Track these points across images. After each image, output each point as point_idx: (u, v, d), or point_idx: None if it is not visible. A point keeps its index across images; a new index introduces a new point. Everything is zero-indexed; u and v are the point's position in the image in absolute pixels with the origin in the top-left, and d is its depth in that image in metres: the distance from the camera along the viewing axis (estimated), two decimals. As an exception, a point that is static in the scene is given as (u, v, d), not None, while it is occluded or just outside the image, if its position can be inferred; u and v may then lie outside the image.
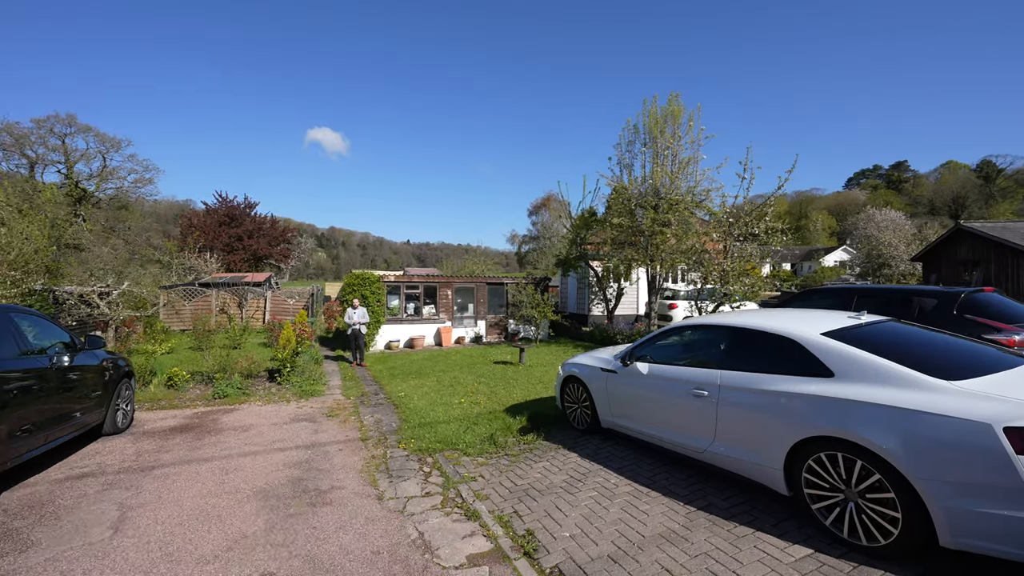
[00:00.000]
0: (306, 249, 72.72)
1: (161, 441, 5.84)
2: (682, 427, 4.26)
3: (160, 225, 47.34)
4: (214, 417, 7.07)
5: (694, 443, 4.12)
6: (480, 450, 5.48)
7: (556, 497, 4.10)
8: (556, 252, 21.97)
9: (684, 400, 4.19)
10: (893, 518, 2.79)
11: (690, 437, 4.17)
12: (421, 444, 5.71)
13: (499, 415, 6.84)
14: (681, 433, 4.27)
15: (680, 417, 4.27)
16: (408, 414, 7.13)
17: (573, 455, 5.13)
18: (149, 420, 6.85)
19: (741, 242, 11.19)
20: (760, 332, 3.82)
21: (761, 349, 3.77)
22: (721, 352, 4.08)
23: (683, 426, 4.24)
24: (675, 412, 4.32)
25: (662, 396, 4.47)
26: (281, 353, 9.42)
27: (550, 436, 5.84)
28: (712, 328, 4.44)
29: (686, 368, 4.30)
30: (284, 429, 6.46)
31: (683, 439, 4.24)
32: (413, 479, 4.68)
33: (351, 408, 7.72)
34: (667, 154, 13.61)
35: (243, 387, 8.66)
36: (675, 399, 4.30)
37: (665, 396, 4.43)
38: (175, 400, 8.05)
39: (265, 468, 4.95)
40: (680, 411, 4.26)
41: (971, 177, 71.13)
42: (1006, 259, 17.67)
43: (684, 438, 4.23)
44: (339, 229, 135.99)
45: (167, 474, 4.74)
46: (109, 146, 31.32)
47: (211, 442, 5.82)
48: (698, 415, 4.06)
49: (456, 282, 16.54)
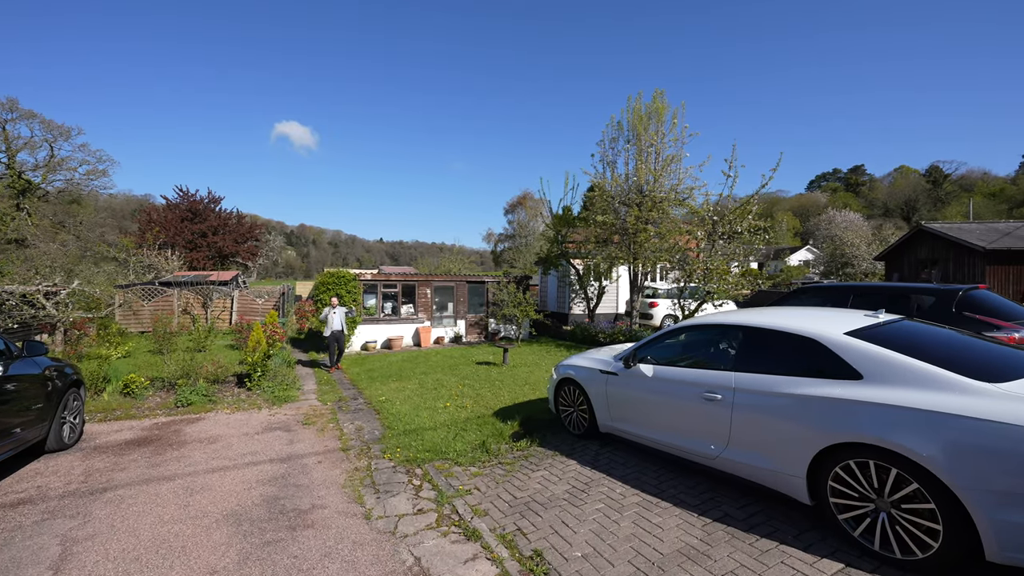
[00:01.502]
0: (274, 247, 70.15)
1: (115, 457, 5.24)
2: (691, 432, 4.04)
3: (116, 221, 44.65)
4: (177, 428, 6.47)
5: (705, 449, 3.91)
6: (472, 459, 5.15)
7: (561, 511, 3.81)
8: (537, 250, 21.74)
9: (694, 404, 3.98)
10: (932, 530, 2.63)
11: (700, 443, 3.95)
12: (408, 454, 5.32)
13: (488, 420, 6.51)
14: (690, 438, 4.05)
15: (689, 422, 4.06)
16: (391, 420, 6.71)
17: (572, 462, 4.86)
18: (102, 433, 6.19)
19: (726, 240, 11.21)
20: (777, 332, 3.63)
21: (779, 350, 3.58)
22: (734, 353, 3.88)
23: (692, 431, 4.03)
24: (684, 416, 4.11)
25: (669, 400, 4.24)
26: (251, 356, 8.79)
27: (545, 442, 5.55)
28: (723, 328, 4.24)
29: (695, 370, 4.09)
30: (256, 440, 5.94)
31: (692, 445, 4.03)
32: (403, 494, 4.30)
33: (329, 415, 7.23)
34: (651, 151, 13.55)
35: (209, 394, 8.02)
36: (684, 403, 4.09)
37: (672, 400, 4.21)
38: (132, 410, 7.36)
39: (236, 486, 4.47)
40: (689, 415, 4.04)
41: (921, 182, 75.02)
42: (963, 258, 18.54)
43: (693, 444, 4.02)
44: (309, 227, 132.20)
45: (121, 497, 4.19)
46: (57, 134, 29.06)
47: (173, 457, 5.26)
48: (709, 420, 3.85)
49: (435, 281, 16.07)
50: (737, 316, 4.14)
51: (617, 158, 14.50)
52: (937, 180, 76.42)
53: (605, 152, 14.67)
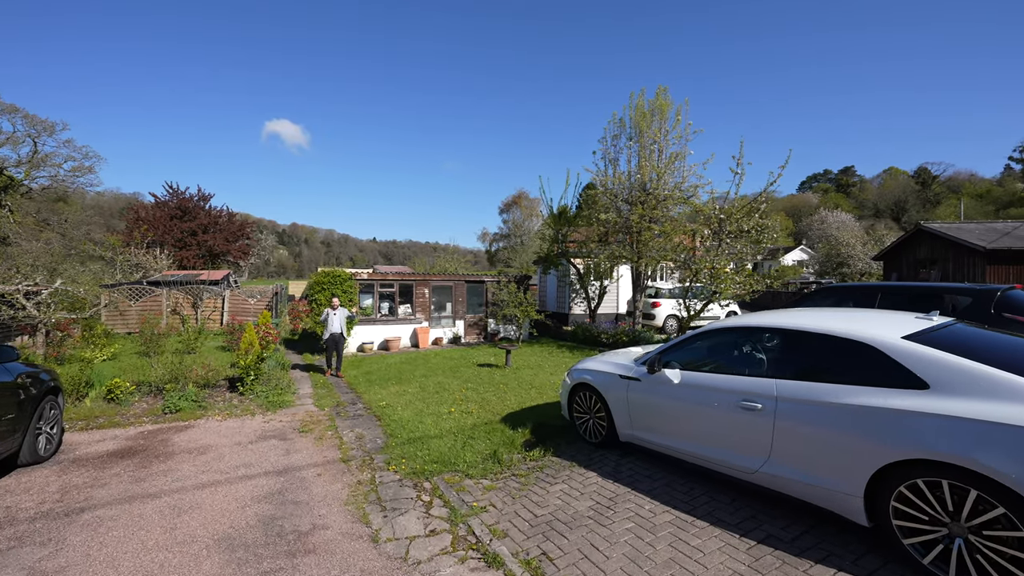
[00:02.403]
0: (266, 246, 69.28)
1: (95, 471, 4.83)
2: (726, 444, 3.74)
3: (104, 219, 43.69)
4: (164, 437, 6.06)
5: (742, 462, 3.61)
6: (483, 471, 4.81)
7: (588, 531, 3.49)
8: (536, 249, 21.42)
9: (729, 413, 3.67)
10: (1020, 560, 2.34)
11: (737, 456, 3.65)
12: (414, 465, 4.97)
13: (497, 426, 6.18)
14: (725, 451, 3.75)
15: (724, 433, 3.75)
16: (394, 427, 6.36)
17: (592, 474, 4.55)
18: (82, 443, 5.77)
19: (732, 239, 10.96)
20: (826, 336, 3.33)
21: (828, 356, 3.29)
22: (775, 358, 3.58)
23: (727, 443, 3.73)
24: (717, 427, 3.80)
25: (700, 408, 3.94)
26: (243, 359, 8.38)
27: (560, 451, 5.23)
28: (759, 331, 3.94)
29: (730, 377, 3.79)
30: (250, 450, 5.56)
31: (728, 457, 3.72)
32: (412, 512, 3.96)
33: (327, 421, 6.85)
34: (653, 149, 13.29)
35: (199, 399, 7.60)
36: (717, 412, 3.78)
37: (704, 408, 3.90)
38: (116, 417, 6.93)
39: (229, 504, 4.09)
40: (724, 425, 3.74)
41: (910, 183, 75.74)
42: (962, 258, 18.50)
43: (729, 456, 3.71)
44: (301, 226, 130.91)
45: (100, 519, 3.80)
46: (41, 129, 28.08)
47: (160, 470, 4.87)
48: (748, 431, 3.55)
49: (433, 280, 15.69)
50: (775, 318, 3.85)
51: (619, 155, 14.25)
52: (926, 181, 77.21)
53: (607, 149, 14.41)
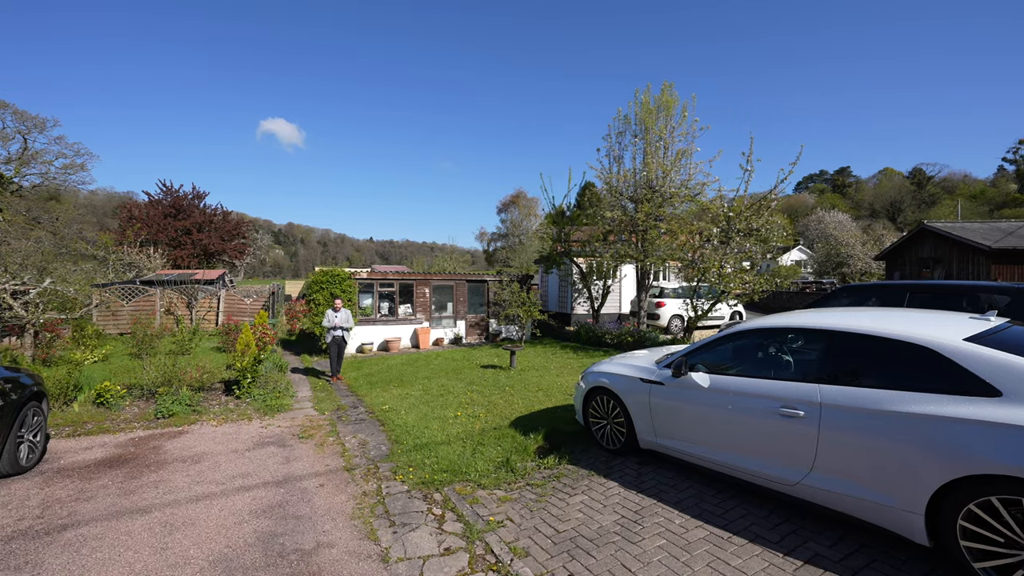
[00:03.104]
0: (262, 246, 68.63)
1: (81, 483, 4.52)
2: (762, 453, 3.48)
3: (97, 218, 43.05)
4: (156, 444, 5.75)
5: (781, 474, 3.35)
6: (496, 480, 4.54)
7: (616, 549, 3.22)
8: (538, 248, 21.17)
9: (766, 421, 3.41)
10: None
11: (775, 466, 3.39)
12: (423, 475, 4.69)
13: (507, 432, 5.90)
14: (761, 460, 3.49)
15: (760, 441, 3.49)
16: (398, 433, 6.07)
17: (612, 484, 4.28)
18: (68, 451, 5.45)
19: (741, 237, 10.72)
20: (877, 338, 3.07)
21: (880, 359, 3.03)
22: (818, 362, 3.32)
23: (764, 452, 3.47)
24: (752, 435, 3.54)
25: (732, 415, 3.68)
26: (240, 361, 8.06)
27: (576, 458, 4.96)
28: (797, 333, 3.68)
29: (766, 381, 3.52)
30: (247, 458, 5.26)
31: (764, 468, 3.46)
32: (423, 527, 3.67)
33: (327, 426, 6.56)
34: (659, 145, 13.05)
35: (193, 403, 7.29)
36: (752, 419, 3.52)
37: (737, 415, 3.64)
38: (106, 422, 6.60)
39: (225, 519, 3.80)
40: (760, 434, 3.48)
41: (906, 183, 75.89)
42: (967, 257, 18.37)
43: (766, 467, 3.45)
44: (297, 225, 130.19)
45: (83, 539, 3.49)
46: (31, 126, 27.64)
47: (150, 481, 4.56)
48: (787, 440, 3.29)
49: (434, 280, 15.39)
50: (816, 319, 3.58)
51: (624, 152, 13.99)
52: (921, 182, 77.46)
53: (612, 146, 14.15)
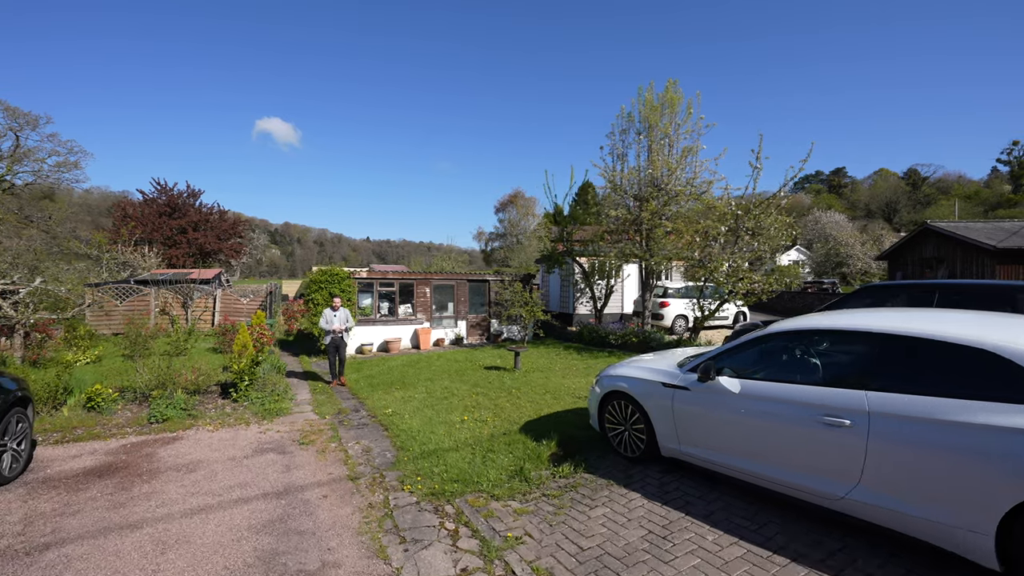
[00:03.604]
0: (258, 245, 68.16)
1: (68, 495, 4.24)
2: (802, 465, 3.24)
3: (92, 217, 42.56)
4: (149, 451, 5.47)
5: (824, 487, 3.11)
6: (510, 490, 4.28)
7: (648, 570, 2.97)
8: (541, 248, 20.96)
9: (807, 430, 3.18)
10: None
11: (816, 479, 3.16)
12: (432, 484, 4.43)
13: (517, 437, 5.65)
14: (800, 473, 3.25)
15: (799, 452, 3.26)
16: (403, 439, 5.81)
17: (635, 495, 4.03)
18: (56, 459, 5.16)
19: (750, 236, 10.51)
20: (936, 342, 2.83)
21: (938, 365, 2.80)
22: (865, 367, 3.09)
23: (804, 464, 3.23)
24: (790, 445, 3.30)
25: (767, 423, 3.44)
26: (237, 363, 7.78)
27: (592, 466, 4.71)
28: (842, 335, 3.43)
29: (805, 387, 3.29)
30: (245, 466, 4.99)
31: (804, 481, 3.23)
32: (437, 544, 3.42)
33: (329, 431, 6.29)
34: (664, 143, 12.83)
35: (188, 407, 7.00)
36: (790, 428, 3.28)
37: (773, 423, 3.40)
38: (96, 427, 6.31)
39: (222, 536, 3.53)
40: (799, 444, 3.24)
41: (901, 184, 76.03)
42: (971, 257, 18.24)
43: (806, 479, 3.22)
44: (294, 225, 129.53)
45: (68, 559, 3.21)
46: (23, 123, 27.11)
47: (142, 493, 4.28)
48: (831, 451, 3.06)
49: (435, 279, 15.13)
50: (861, 320, 3.34)
51: (628, 150, 13.76)
52: (916, 183, 77.66)
53: (615, 144, 13.92)
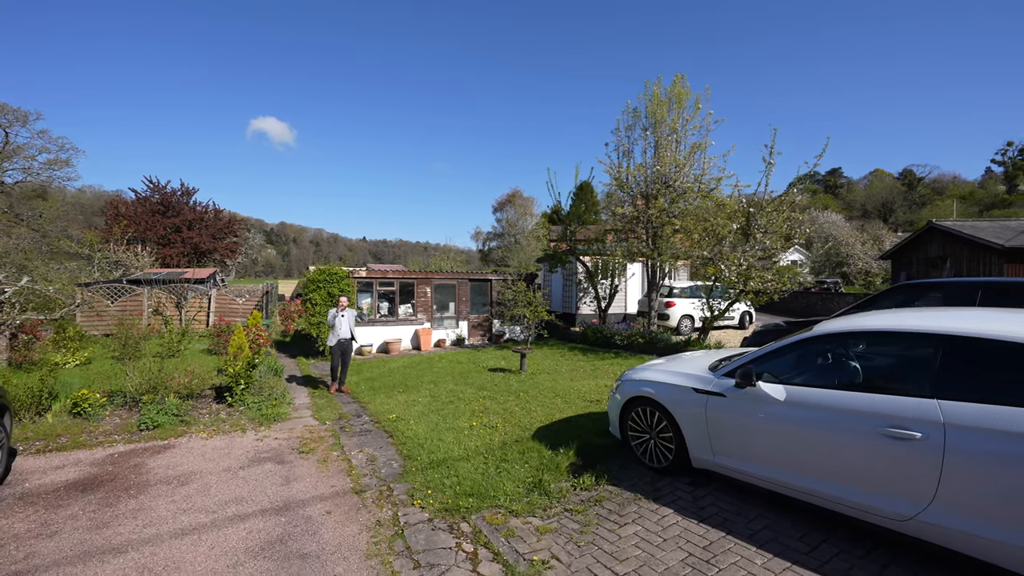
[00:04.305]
0: (254, 245, 67.55)
1: (46, 512, 3.87)
2: (862, 481, 2.93)
3: (85, 217, 41.85)
4: (138, 461, 5.10)
5: (887, 506, 2.80)
6: (530, 505, 3.95)
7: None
8: (540, 247, 20.63)
9: (867, 442, 2.87)
10: None
11: (879, 497, 2.85)
12: (444, 499, 4.10)
13: (531, 445, 5.32)
14: (859, 490, 2.94)
15: (857, 466, 2.94)
16: (410, 447, 5.47)
17: (667, 511, 3.71)
18: (36, 471, 4.79)
19: (763, 234, 10.24)
20: (1019, 345, 2.53)
21: None
22: (937, 372, 2.77)
23: (864, 480, 2.92)
24: (847, 458, 2.99)
25: (819, 434, 3.12)
26: (233, 366, 7.41)
27: (615, 478, 4.39)
28: (909, 336, 3.10)
29: (864, 395, 2.98)
30: (242, 478, 4.64)
31: (863, 498, 2.92)
32: (455, 570, 3.08)
33: (330, 438, 5.95)
34: (671, 139, 12.54)
35: (181, 412, 6.63)
36: (847, 439, 2.97)
37: (826, 434, 3.09)
38: (82, 435, 5.93)
39: (216, 561, 3.18)
40: (858, 458, 2.93)
41: (896, 184, 76.16)
42: (977, 256, 18.06)
43: (866, 497, 2.91)
44: (290, 225, 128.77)
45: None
46: (12, 119, 26.49)
47: (129, 510, 3.92)
48: (898, 466, 2.75)
49: (436, 278, 14.79)
50: (931, 321, 3.01)
51: (634, 146, 13.46)
52: (912, 183, 77.86)
53: (621, 140, 13.61)
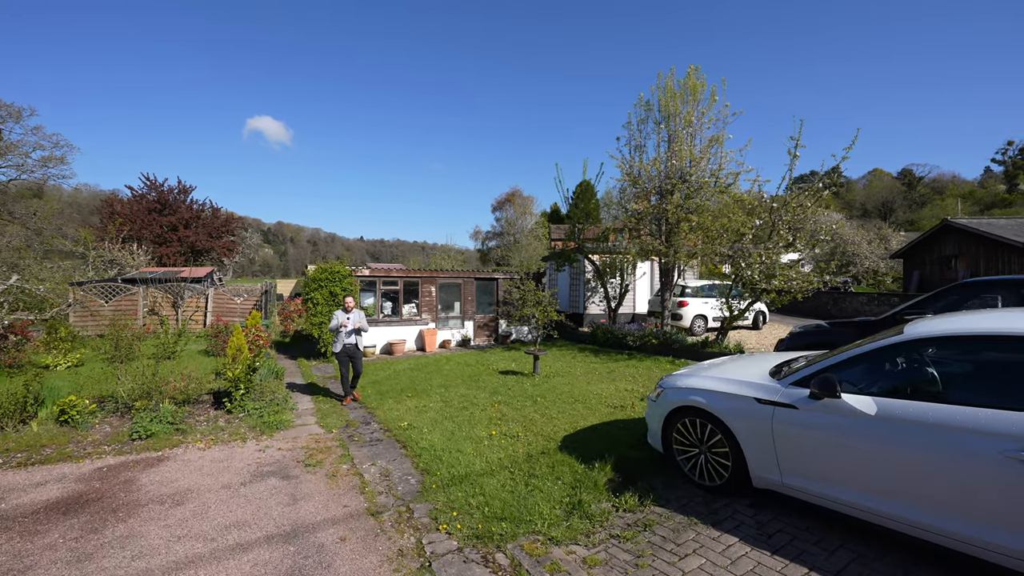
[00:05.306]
0: (251, 244, 66.87)
1: (21, 541, 3.40)
2: (984, 513, 2.48)
3: (82, 216, 41.24)
4: (128, 476, 4.63)
5: (1013, 543, 2.36)
6: (571, 531, 3.49)
7: (795, 661, 2.21)
8: (540, 247, 20.21)
9: (990, 467, 2.42)
10: None
11: (1001, 532, 2.40)
12: (473, 523, 3.63)
13: (559, 457, 4.87)
14: (981, 524, 2.49)
15: (977, 495, 2.50)
16: (427, 459, 5.01)
17: (731, 539, 3.26)
18: (15, 488, 4.31)
19: (787, 230, 9.80)
20: None
21: None
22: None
23: (985, 512, 2.47)
24: (964, 486, 2.54)
25: (927, 456, 2.67)
26: (232, 369, 6.94)
27: (661, 497, 3.94)
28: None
29: (982, 411, 2.53)
30: (243, 496, 4.17)
31: (985, 533, 2.47)
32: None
33: (338, 449, 5.48)
34: (685, 133, 12.10)
35: (176, 420, 6.15)
36: (963, 464, 2.52)
37: (934, 456, 2.64)
38: (69, 445, 5.46)
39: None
40: (979, 485, 2.48)
41: (896, 184, 75.94)
42: (995, 254, 17.68)
43: (989, 532, 2.46)
44: (287, 224, 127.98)
45: (6, 649, 2.41)
46: (6, 115, 25.90)
47: (116, 538, 3.45)
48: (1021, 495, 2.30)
49: (440, 277, 14.32)
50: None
51: (647, 141, 13.00)
52: (911, 183, 77.65)
53: (633, 135, 13.15)
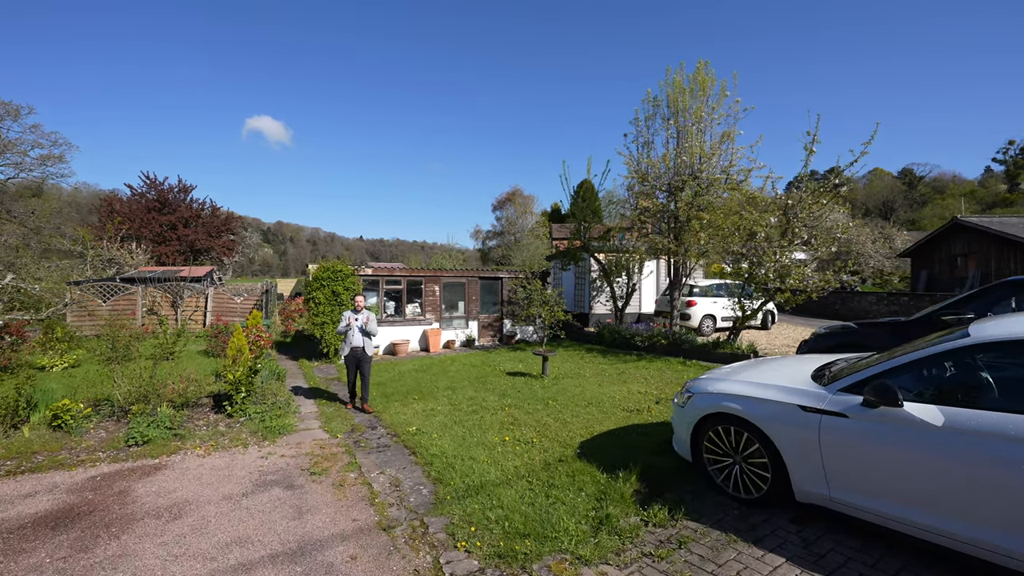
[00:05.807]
0: (251, 244, 66.60)
1: (5, 560, 3.12)
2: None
3: (81, 215, 40.91)
4: (123, 486, 4.36)
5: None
6: (599, 549, 3.23)
7: None
8: (537, 246, 19.96)
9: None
10: None
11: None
12: (494, 540, 3.37)
13: (578, 466, 4.60)
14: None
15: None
16: (438, 467, 4.74)
17: (778, 560, 2.99)
18: (2, 500, 4.04)
19: (802, 228, 9.54)
20: None
21: None
22: None
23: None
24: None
25: (1007, 472, 2.41)
26: (232, 371, 6.68)
27: (693, 511, 3.67)
28: None
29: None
30: (245, 509, 3.90)
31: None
32: (529, 649, 2.36)
33: (344, 455, 5.22)
34: (695, 128, 11.82)
35: (175, 424, 5.88)
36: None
37: (1018, 474, 2.37)
38: (61, 452, 5.20)
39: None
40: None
41: (896, 184, 75.61)
42: (1007, 253, 17.42)
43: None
44: (287, 224, 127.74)
45: None
46: (3, 113, 25.63)
47: (108, 557, 3.18)
48: None
49: (444, 277, 14.05)
50: None
51: (655, 137, 12.74)
52: (912, 182, 77.32)
53: (640, 131, 12.88)
